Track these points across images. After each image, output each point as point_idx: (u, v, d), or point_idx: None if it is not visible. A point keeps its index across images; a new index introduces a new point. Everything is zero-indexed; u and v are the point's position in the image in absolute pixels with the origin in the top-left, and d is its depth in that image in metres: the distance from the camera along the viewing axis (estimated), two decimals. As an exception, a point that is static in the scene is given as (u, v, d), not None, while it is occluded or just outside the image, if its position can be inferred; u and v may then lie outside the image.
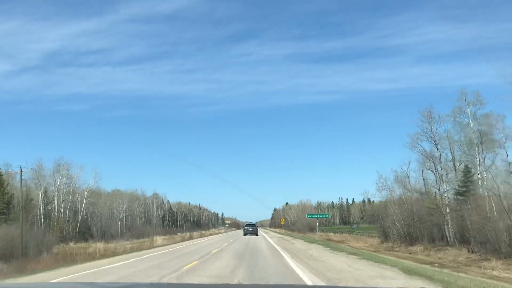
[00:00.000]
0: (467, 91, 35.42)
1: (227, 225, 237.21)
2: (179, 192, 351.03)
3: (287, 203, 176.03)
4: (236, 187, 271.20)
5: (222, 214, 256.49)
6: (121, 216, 75.82)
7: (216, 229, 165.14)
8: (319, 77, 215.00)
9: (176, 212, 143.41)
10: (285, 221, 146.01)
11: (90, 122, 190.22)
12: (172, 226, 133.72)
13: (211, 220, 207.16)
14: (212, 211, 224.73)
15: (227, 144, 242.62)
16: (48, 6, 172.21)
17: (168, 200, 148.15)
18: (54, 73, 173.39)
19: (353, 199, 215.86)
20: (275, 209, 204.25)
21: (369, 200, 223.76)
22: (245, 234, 61.86)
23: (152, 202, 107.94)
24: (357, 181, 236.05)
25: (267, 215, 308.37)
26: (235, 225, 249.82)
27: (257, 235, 60.57)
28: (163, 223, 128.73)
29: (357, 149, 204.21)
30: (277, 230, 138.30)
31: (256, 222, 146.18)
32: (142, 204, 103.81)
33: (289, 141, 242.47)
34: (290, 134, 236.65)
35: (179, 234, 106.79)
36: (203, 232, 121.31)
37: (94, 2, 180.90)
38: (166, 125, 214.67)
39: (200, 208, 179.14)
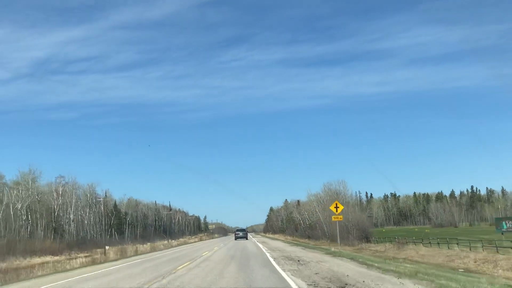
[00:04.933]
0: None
1: (210, 231, 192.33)
2: (157, 194, 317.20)
3: (286, 200, 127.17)
4: (225, 187, 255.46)
5: (205, 218, 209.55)
6: None
7: (191, 237, 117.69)
8: (309, 81, 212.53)
9: (126, 213, 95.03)
10: (292, 226, 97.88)
11: (80, 130, 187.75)
12: (116, 234, 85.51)
13: (187, 225, 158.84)
14: (191, 214, 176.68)
15: (217, 149, 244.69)
16: (37, 14, 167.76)
17: (127, 200, 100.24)
18: (43, 81, 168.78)
19: (371, 194, 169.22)
20: (271, 209, 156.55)
21: (394, 195, 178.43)
22: (236, 238, 68.33)
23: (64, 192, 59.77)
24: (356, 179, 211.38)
25: (259, 219, 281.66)
26: (222, 230, 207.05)
27: (247, 239, 68.32)
28: (103, 228, 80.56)
29: (351, 148, 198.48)
30: (278, 237, 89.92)
31: (247, 227, 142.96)
32: (36, 196, 55.38)
33: (279, 144, 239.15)
34: (281, 138, 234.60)
35: (108, 247, 58.92)
36: (165, 242, 74.69)
37: (84, 9, 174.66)
38: (157, 131, 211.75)
39: (170, 209, 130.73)
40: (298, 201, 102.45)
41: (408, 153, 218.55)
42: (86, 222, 75.57)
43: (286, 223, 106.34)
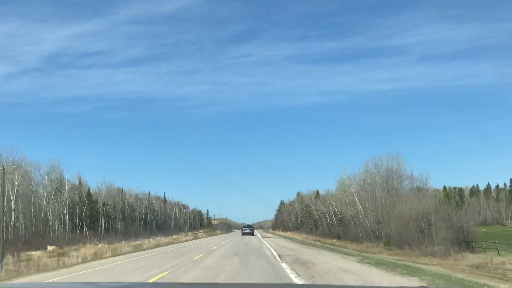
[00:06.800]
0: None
1: (213, 227, 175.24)
2: (159, 189, 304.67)
3: (299, 192, 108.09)
4: (231, 183, 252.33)
5: (207, 212, 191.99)
6: None
7: (187, 233, 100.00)
8: (319, 77, 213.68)
9: (105, 204, 77.02)
10: (311, 222, 79.12)
11: (90, 124, 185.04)
12: (87, 229, 67.53)
13: (186, 219, 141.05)
14: (192, 208, 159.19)
15: (226, 145, 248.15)
16: (47, 8, 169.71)
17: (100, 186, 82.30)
18: (53, 75, 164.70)
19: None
20: (282, 203, 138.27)
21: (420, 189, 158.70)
22: (243, 234, 70.39)
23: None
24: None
25: (267, 215, 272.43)
26: (226, 226, 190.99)
27: (253, 234, 70.58)
28: (68, 222, 62.73)
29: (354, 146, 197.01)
30: (292, 235, 71.07)
31: (254, 224, 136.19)
32: None
33: (288, 140, 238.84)
34: (290, 134, 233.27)
35: (52, 248, 41.03)
36: (141, 242, 57.11)
37: (94, 3, 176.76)
38: (166, 126, 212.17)
39: (164, 201, 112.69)
40: (317, 191, 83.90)
41: (425, 148, 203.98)
42: (43, 213, 57.78)
43: (301, 219, 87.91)
